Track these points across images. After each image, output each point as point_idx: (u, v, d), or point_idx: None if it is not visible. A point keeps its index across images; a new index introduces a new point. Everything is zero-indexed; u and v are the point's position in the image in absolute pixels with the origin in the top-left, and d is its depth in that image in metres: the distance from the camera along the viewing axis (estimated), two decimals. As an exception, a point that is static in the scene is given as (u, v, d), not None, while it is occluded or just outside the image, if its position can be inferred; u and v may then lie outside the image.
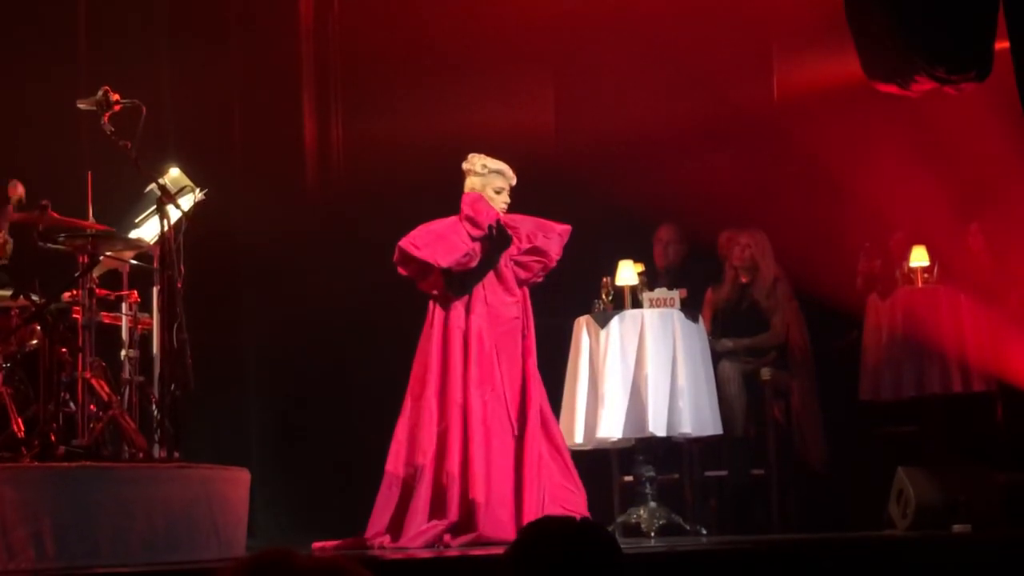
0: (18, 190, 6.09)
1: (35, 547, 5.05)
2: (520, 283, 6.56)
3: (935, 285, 7.58)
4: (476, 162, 6.58)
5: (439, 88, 8.33)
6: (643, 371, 6.85)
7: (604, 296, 7.12)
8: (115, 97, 5.84)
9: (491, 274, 6.47)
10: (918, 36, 6.58)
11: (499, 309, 6.46)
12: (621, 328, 6.92)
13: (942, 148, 7.86)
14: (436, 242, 6.37)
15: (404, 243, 6.36)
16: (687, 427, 6.83)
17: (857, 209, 8.02)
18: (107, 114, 5.83)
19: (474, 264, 6.43)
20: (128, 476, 5.37)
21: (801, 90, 8.39)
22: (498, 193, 6.56)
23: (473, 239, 6.45)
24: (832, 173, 8.11)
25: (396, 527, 6.25)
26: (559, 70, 8.78)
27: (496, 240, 6.47)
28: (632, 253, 7.29)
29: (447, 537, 6.13)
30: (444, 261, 6.35)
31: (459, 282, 6.41)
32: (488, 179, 6.56)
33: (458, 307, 6.41)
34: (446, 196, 6.60)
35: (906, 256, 7.70)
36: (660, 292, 7.08)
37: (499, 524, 6.16)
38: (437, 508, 6.23)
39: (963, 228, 7.89)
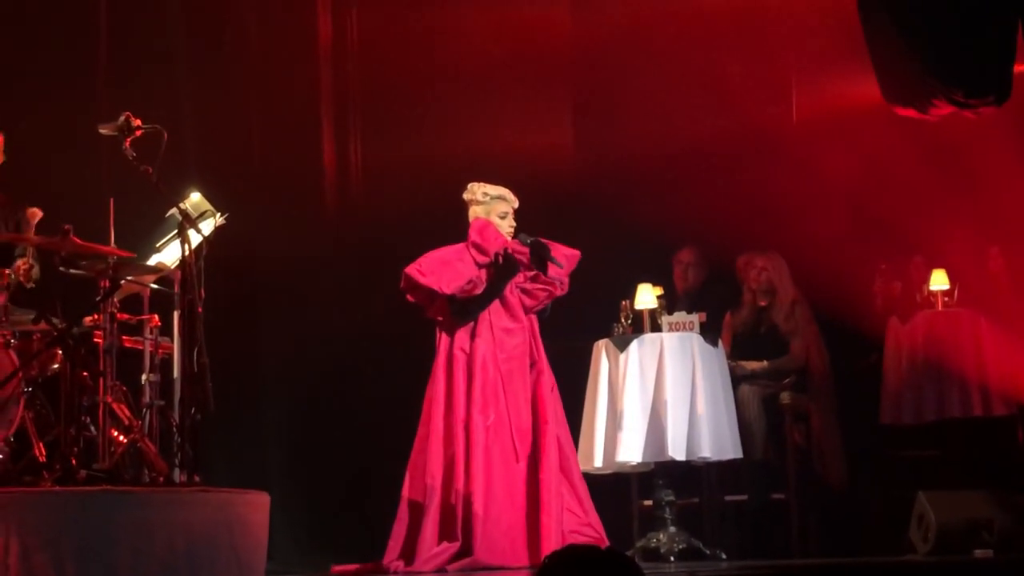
0: (37, 215, 6.13)
1: (56, 571, 5.05)
2: (526, 311, 6.56)
3: (955, 308, 7.56)
4: (477, 191, 6.60)
5: (457, 111, 8.34)
6: (662, 395, 6.83)
7: (623, 319, 7.11)
8: (136, 122, 5.85)
9: (496, 301, 6.49)
10: (936, 60, 6.58)
11: (504, 336, 6.46)
12: (640, 352, 6.92)
13: (961, 171, 7.86)
14: (441, 269, 6.38)
15: (410, 270, 6.39)
16: (706, 451, 6.82)
17: (876, 232, 8.01)
18: (129, 139, 5.85)
19: (479, 291, 6.44)
20: (149, 500, 5.37)
21: (820, 113, 8.39)
22: (503, 218, 6.58)
23: (479, 266, 6.47)
24: (851, 196, 8.11)
25: (409, 552, 6.27)
26: (577, 93, 8.78)
27: (502, 268, 6.48)
28: (651, 276, 7.29)
29: (448, 563, 6.15)
30: (448, 288, 6.36)
31: (464, 309, 6.42)
32: (491, 206, 6.58)
33: (463, 333, 6.43)
34: (464, 219, 6.62)
35: (926, 279, 7.68)
36: (679, 316, 7.07)
37: (497, 549, 6.16)
38: (448, 532, 6.24)
39: (983, 251, 7.87)
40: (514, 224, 6.60)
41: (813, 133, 8.31)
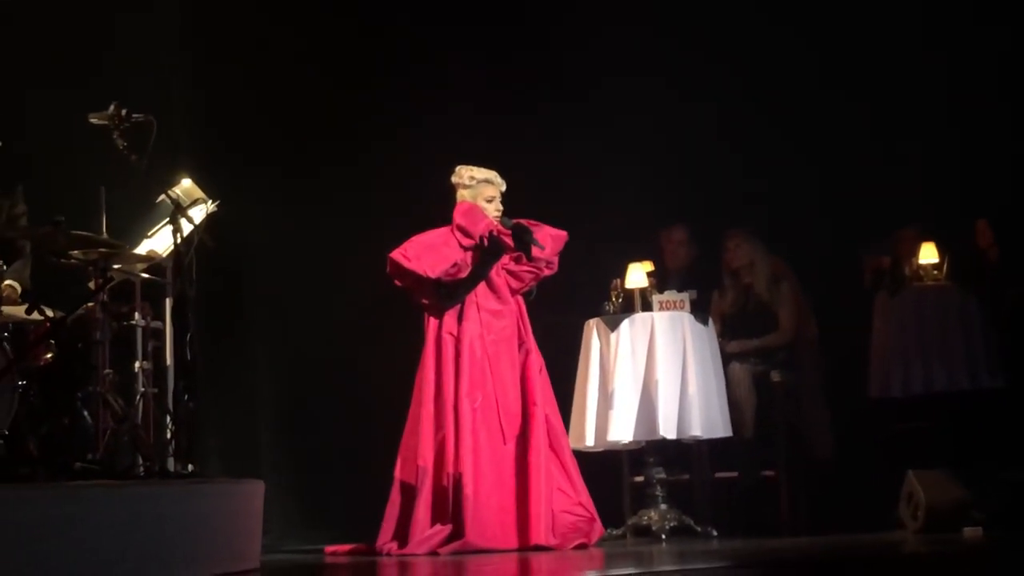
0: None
1: (49, 565, 5.07)
2: (513, 292, 6.58)
3: (944, 282, 7.57)
4: (464, 174, 6.61)
5: (449, 95, 8.24)
6: (653, 374, 6.86)
7: (614, 298, 7.13)
8: (127, 112, 5.82)
9: (483, 283, 6.50)
10: None
11: (491, 318, 6.50)
12: (631, 331, 6.94)
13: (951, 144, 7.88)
14: (426, 253, 6.40)
15: (395, 255, 6.40)
16: (697, 430, 6.85)
17: (865, 205, 8.04)
18: (119, 129, 5.81)
19: (464, 274, 6.46)
20: (143, 493, 5.37)
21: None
22: (489, 202, 6.59)
23: (464, 249, 6.48)
24: (839, 168, 8.13)
25: (402, 534, 6.32)
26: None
27: (487, 250, 6.49)
28: (642, 255, 7.30)
29: (441, 546, 6.19)
30: (433, 272, 6.38)
31: (450, 292, 6.44)
32: (478, 189, 6.59)
33: (450, 316, 6.46)
34: (452, 202, 6.61)
35: (915, 253, 7.68)
36: (670, 294, 7.08)
37: (487, 532, 6.21)
38: (440, 515, 6.29)
39: (971, 224, 7.88)
40: (501, 208, 6.61)
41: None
